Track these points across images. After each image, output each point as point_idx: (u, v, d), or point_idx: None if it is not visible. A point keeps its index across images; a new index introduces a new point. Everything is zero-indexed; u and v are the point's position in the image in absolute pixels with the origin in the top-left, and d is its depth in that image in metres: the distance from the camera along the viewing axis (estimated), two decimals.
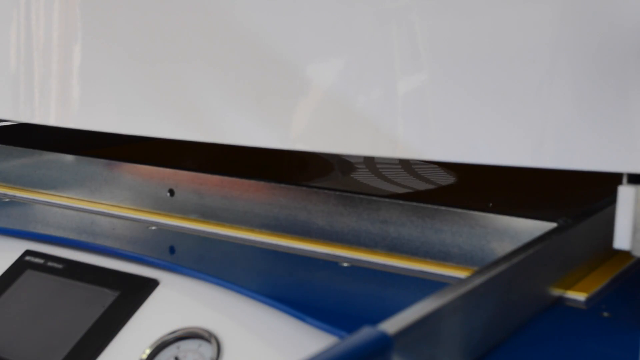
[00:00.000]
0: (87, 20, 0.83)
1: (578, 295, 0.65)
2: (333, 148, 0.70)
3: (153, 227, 0.82)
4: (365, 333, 0.44)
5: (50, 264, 0.74)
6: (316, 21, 0.70)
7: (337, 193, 0.76)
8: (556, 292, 0.64)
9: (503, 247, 0.68)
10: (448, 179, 1.27)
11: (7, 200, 0.92)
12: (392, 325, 0.45)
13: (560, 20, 0.61)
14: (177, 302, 0.67)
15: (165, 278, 0.70)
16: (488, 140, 0.63)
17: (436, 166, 1.33)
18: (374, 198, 0.74)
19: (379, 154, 0.68)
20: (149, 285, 0.69)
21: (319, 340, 0.59)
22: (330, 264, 0.72)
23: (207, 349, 0.62)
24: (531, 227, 0.67)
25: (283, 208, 0.79)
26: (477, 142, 0.64)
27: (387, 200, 0.73)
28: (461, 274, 0.68)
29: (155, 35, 0.79)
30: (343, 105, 0.69)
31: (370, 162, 1.39)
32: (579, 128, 0.60)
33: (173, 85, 0.78)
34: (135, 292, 0.69)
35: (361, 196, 0.74)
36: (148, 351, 0.64)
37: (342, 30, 0.69)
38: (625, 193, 0.59)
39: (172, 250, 0.77)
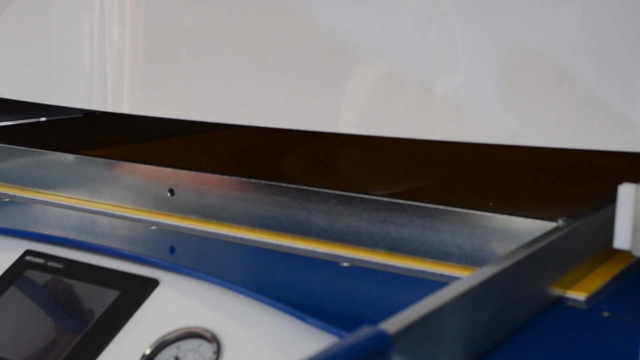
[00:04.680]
0: (155, 14, 0.86)
1: (578, 295, 0.65)
2: (423, 134, 0.73)
3: (153, 227, 0.82)
4: (365, 332, 0.44)
5: (50, 263, 0.74)
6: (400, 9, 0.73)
7: (337, 193, 0.76)
8: (556, 291, 0.64)
9: (503, 247, 0.68)
10: (448, 179, 1.27)
11: (7, 200, 0.92)
12: (392, 324, 0.46)
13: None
14: (177, 302, 0.67)
15: (165, 278, 0.70)
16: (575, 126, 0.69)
17: (436, 166, 1.33)
18: (374, 198, 0.74)
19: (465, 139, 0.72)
20: (149, 285, 0.69)
21: (319, 340, 0.59)
22: (330, 264, 0.72)
23: (207, 349, 0.62)
24: (531, 227, 0.67)
25: (283, 208, 0.79)
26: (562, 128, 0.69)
27: (387, 199, 0.73)
28: (461, 273, 0.68)
29: (224, 26, 0.82)
30: (433, 91, 0.72)
31: (371, 163, 1.39)
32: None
33: (245, 74, 0.81)
34: (136, 292, 0.69)
35: (361, 196, 0.74)
36: (148, 351, 0.64)
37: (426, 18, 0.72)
38: (625, 193, 0.59)
39: (172, 250, 0.77)
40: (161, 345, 0.64)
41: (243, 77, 0.81)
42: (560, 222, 0.65)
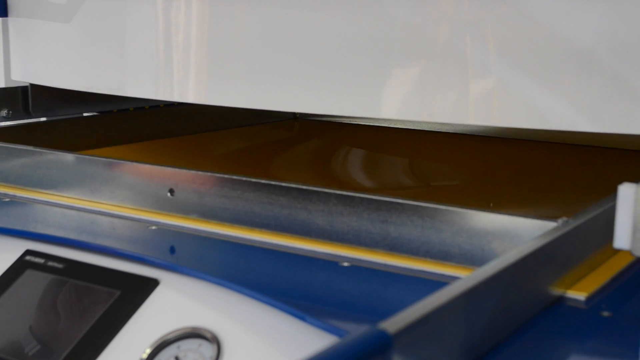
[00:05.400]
0: (218, 9, 0.91)
1: (578, 295, 0.65)
2: (491, 121, 0.78)
3: (153, 227, 0.82)
4: (365, 332, 0.44)
5: (50, 263, 0.75)
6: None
7: (337, 193, 0.76)
8: (556, 291, 0.64)
9: (503, 247, 0.68)
10: (449, 179, 1.27)
11: (7, 200, 0.92)
12: (392, 324, 0.46)
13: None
14: (177, 301, 0.67)
15: (165, 278, 0.70)
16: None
17: (437, 166, 1.33)
18: (374, 197, 0.74)
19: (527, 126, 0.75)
20: (149, 285, 0.69)
21: (319, 340, 0.59)
22: (330, 264, 0.72)
23: (208, 349, 0.63)
24: (531, 227, 0.67)
25: (283, 208, 0.79)
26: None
27: (387, 199, 0.73)
28: (461, 273, 0.68)
29: (282, 18, 0.86)
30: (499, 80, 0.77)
31: (372, 163, 1.39)
32: None
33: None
34: (136, 291, 0.69)
35: (361, 196, 0.74)
36: (148, 351, 0.64)
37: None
38: (625, 193, 0.59)
39: (172, 250, 0.77)
40: (161, 345, 0.64)
41: (300, 66, 0.86)
42: (560, 222, 0.65)
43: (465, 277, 0.53)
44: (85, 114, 1.26)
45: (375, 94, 0.82)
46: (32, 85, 1.16)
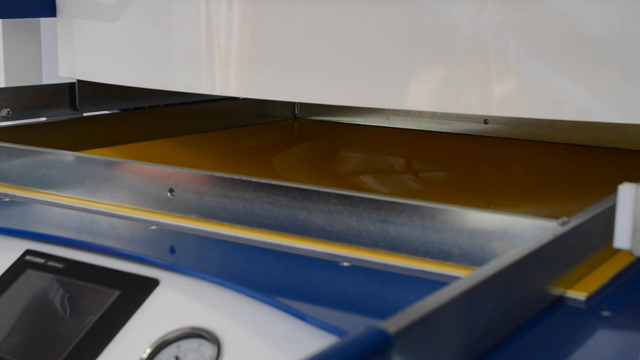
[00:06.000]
0: (260, 3, 0.93)
1: (578, 295, 0.65)
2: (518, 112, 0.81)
3: (153, 227, 0.82)
4: (365, 332, 0.44)
5: (50, 263, 0.75)
6: None
7: (337, 192, 0.76)
8: (556, 291, 0.64)
9: (503, 247, 0.68)
10: (449, 179, 1.27)
11: (7, 200, 0.92)
12: (392, 324, 0.46)
13: None
14: (177, 301, 0.67)
15: (165, 277, 0.70)
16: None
17: (437, 166, 1.33)
18: (374, 197, 0.74)
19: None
20: (149, 284, 0.69)
21: (319, 340, 0.59)
22: (330, 264, 0.72)
23: (208, 349, 0.63)
24: (531, 227, 0.67)
25: (283, 208, 0.79)
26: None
27: (387, 199, 0.73)
28: (462, 273, 0.68)
29: (323, 10, 0.89)
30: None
31: (372, 163, 1.39)
32: None
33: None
34: (136, 291, 0.69)
35: (361, 195, 0.74)
36: (148, 350, 0.64)
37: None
38: (625, 193, 0.59)
39: (172, 249, 0.77)
40: (161, 345, 0.64)
41: (342, 59, 0.88)
42: (560, 222, 0.65)
43: (465, 277, 0.53)
44: (85, 114, 1.26)
45: (404, 87, 0.85)
46: (78, 81, 1.22)
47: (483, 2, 0.81)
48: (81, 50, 1.14)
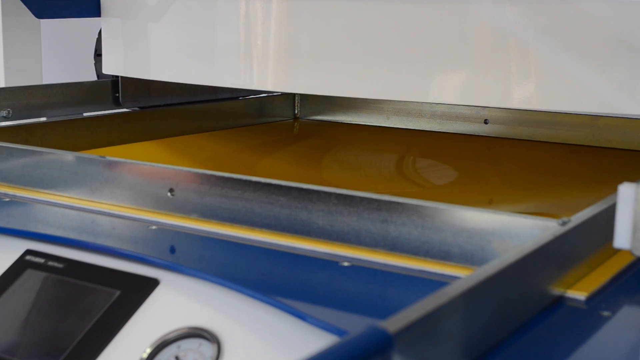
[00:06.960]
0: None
1: (578, 295, 0.65)
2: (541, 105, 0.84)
3: (153, 227, 0.82)
4: (365, 331, 0.44)
5: (50, 263, 0.75)
6: None
7: (337, 192, 0.76)
8: (556, 291, 0.64)
9: (503, 247, 0.68)
10: (449, 179, 1.27)
11: (7, 199, 0.92)
12: (392, 323, 0.46)
13: None
14: (177, 301, 0.67)
15: (165, 277, 0.70)
16: None
17: (436, 166, 1.33)
18: (374, 197, 0.74)
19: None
20: (149, 284, 0.69)
21: (319, 340, 0.59)
22: (330, 264, 0.72)
23: (208, 348, 0.63)
24: (531, 227, 0.67)
25: (283, 208, 0.79)
26: None
27: (387, 199, 0.73)
28: (462, 273, 0.68)
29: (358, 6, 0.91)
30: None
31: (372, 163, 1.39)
32: None
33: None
34: (136, 291, 0.69)
35: (361, 195, 0.74)
36: (148, 350, 0.64)
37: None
38: (625, 192, 0.59)
39: (172, 249, 0.77)
40: (161, 345, 0.64)
41: (375, 55, 0.90)
42: (560, 222, 0.65)
43: (465, 277, 0.53)
44: (85, 114, 1.26)
45: (429, 80, 0.88)
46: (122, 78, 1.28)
47: None
48: (125, 48, 1.16)
